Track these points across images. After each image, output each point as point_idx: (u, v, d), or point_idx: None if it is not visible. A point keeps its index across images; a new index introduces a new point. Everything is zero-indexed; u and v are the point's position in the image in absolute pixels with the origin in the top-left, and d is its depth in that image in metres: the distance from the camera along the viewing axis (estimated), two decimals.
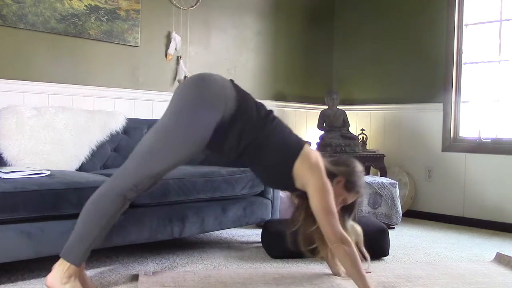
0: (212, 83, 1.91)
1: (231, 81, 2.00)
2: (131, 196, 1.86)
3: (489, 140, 3.76)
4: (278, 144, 1.96)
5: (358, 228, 2.12)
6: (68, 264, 1.81)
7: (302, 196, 2.06)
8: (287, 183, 1.99)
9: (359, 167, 2.10)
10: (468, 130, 3.92)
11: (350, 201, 2.08)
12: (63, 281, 1.80)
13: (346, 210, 2.10)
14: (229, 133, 1.92)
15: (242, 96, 1.96)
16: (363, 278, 1.87)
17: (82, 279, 1.87)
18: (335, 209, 1.90)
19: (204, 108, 1.85)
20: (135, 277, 2.18)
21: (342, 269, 2.25)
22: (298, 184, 1.98)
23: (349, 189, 2.04)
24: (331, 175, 1.99)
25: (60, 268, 1.81)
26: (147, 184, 1.87)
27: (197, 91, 1.89)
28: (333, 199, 1.91)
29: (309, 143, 2.03)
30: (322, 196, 1.89)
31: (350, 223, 2.11)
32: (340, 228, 1.89)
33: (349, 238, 1.89)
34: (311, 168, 1.92)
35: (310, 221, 2.05)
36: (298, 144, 1.98)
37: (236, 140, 1.93)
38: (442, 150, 3.97)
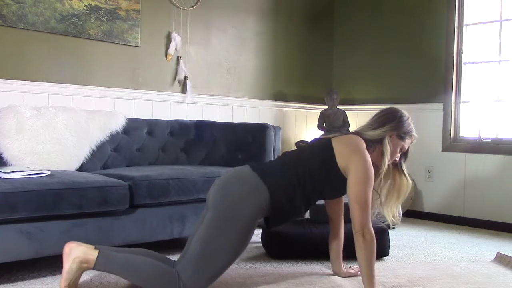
0: (232, 185, 1.92)
1: (251, 166, 1.97)
2: None
3: (489, 140, 3.75)
4: (317, 162, 1.96)
5: (409, 181, 2.12)
6: (94, 258, 1.78)
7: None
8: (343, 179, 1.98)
9: (402, 114, 2.08)
10: (468, 130, 3.92)
11: (407, 146, 2.10)
12: (81, 256, 1.79)
13: (402, 154, 2.12)
14: (282, 209, 1.94)
15: (270, 179, 1.91)
16: (371, 277, 1.89)
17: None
18: (369, 202, 1.90)
19: (241, 205, 1.86)
20: None
21: (342, 270, 2.26)
22: (344, 173, 1.96)
23: (403, 138, 2.06)
24: (381, 139, 2.01)
25: (89, 251, 1.80)
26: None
27: (224, 194, 1.90)
28: (370, 192, 1.91)
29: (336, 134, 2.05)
30: (361, 186, 1.89)
31: (405, 170, 2.12)
32: (369, 222, 1.89)
33: (373, 233, 1.89)
34: (352, 152, 1.92)
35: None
36: (326, 143, 1.99)
37: (292, 207, 1.95)
38: (442, 150, 3.97)
